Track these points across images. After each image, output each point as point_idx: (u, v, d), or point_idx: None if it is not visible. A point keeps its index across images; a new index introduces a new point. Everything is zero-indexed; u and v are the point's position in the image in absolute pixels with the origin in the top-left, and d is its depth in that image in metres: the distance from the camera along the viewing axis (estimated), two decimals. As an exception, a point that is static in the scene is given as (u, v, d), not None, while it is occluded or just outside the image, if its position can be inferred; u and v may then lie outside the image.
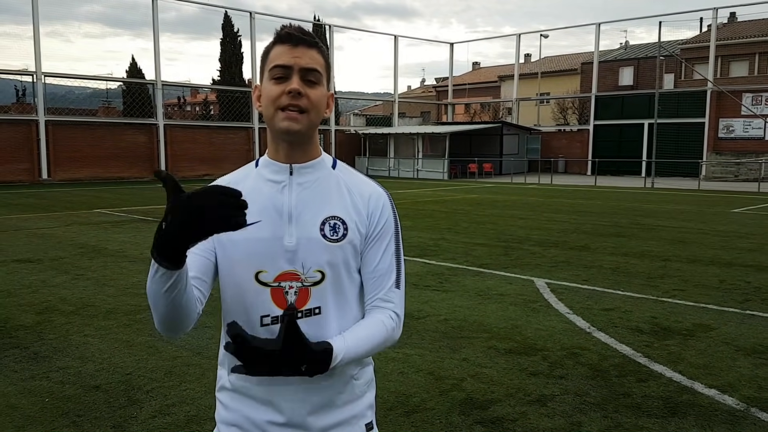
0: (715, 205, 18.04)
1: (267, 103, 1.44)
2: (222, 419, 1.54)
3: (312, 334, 1.37)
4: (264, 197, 1.45)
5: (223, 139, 34.51)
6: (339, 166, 1.55)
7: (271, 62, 1.43)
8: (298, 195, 1.46)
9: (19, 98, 33.06)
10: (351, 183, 1.53)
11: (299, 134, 1.43)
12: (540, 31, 45.60)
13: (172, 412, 3.84)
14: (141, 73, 38.25)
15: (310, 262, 1.43)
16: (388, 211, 1.53)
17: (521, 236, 11.49)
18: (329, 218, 1.46)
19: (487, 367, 4.62)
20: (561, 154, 38.58)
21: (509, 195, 22.27)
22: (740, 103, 31.87)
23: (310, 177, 1.49)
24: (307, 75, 1.42)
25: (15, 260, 8.89)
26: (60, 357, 4.83)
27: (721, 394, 4.10)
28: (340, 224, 1.46)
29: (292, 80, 1.40)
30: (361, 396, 1.53)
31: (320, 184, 1.49)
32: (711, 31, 34.21)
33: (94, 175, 29.58)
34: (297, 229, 1.44)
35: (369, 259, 1.50)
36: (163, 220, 1.15)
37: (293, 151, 1.47)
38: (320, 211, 1.46)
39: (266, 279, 1.43)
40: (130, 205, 17.55)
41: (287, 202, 1.46)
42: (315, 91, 1.43)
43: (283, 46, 1.43)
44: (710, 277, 7.86)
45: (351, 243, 1.47)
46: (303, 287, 1.43)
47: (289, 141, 1.46)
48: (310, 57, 1.43)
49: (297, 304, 1.43)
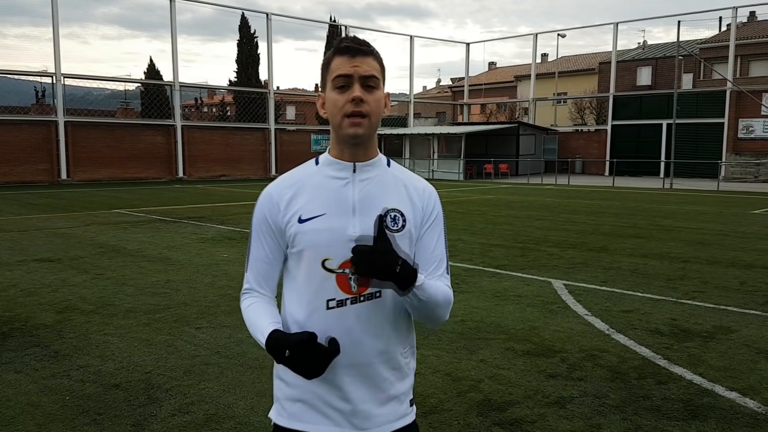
0: (734, 206, 17.84)
1: (332, 111, 1.60)
2: (286, 396, 1.66)
3: (373, 317, 1.59)
4: (329, 192, 1.62)
5: (240, 140, 34.68)
6: (393, 164, 1.73)
7: (333, 72, 1.59)
8: (361, 190, 1.62)
9: (38, 99, 33.50)
10: (406, 179, 1.70)
11: (363, 137, 1.60)
12: (557, 31, 45.34)
13: (192, 410, 3.86)
14: (159, 75, 38.53)
15: None
16: (438, 204, 1.72)
17: (538, 237, 11.43)
18: (390, 210, 1.62)
19: (505, 369, 4.60)
20: (578, 154, 38.34)
21: (526, 196, 22.17)
22: (760, 103, 31.48)
23: (371, 174, 1.65)
24: (367, 81, 1.58)
25: (35, 260, 8.99)
26: (80, 355, 4.88)
27: (742, 397, 4.05)
28: (399, 216, 1.62)
29: (354, 88, 1.56)
30: (409, 374, 1.71)
31: (380, 181, 1.66)
32: (731, 31, 33.82)
33: (112, 175, 29.86)
34: (361, 220, 1.59)
35: (425, 244, 1.67)
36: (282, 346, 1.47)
37: (356, 152, 1.64)
38: (382, 204, 1.62)
39: (332, 266, 1.58)
40: (149, 206, 17.69)
41: (351, 196, 1.62)
42: (374, 96, 1.59)
43: (342, 57, 1.58)
44: (730, 278, 7.77)
45: (409, 233, 1.63)
46: None
47: (354, 143, 1.61)
48: (368, 65, 1.59)
49: (359, 288, 1.58)
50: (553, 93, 47.27)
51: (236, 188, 25.90)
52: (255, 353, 4.91)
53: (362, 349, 1.58)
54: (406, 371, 1.69)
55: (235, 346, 5.10)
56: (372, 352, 1.60)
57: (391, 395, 1.64)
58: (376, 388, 1.62)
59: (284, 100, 47.19)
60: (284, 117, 47.01)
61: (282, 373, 1.66)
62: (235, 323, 5.75)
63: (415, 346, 1.76)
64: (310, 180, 1.65)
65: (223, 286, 7.31)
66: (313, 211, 1.60)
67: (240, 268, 8.35)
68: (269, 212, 1.65)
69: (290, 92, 50.05)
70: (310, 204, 1.61)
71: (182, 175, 31.83)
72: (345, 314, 1.57)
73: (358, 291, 1.58)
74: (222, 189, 25.41)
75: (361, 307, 1.58)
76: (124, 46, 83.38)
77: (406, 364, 1.68)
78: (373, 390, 1.61)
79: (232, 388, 4.23)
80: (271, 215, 1.65)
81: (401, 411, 1.66)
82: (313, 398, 1.61)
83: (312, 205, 1.61)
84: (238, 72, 39.74)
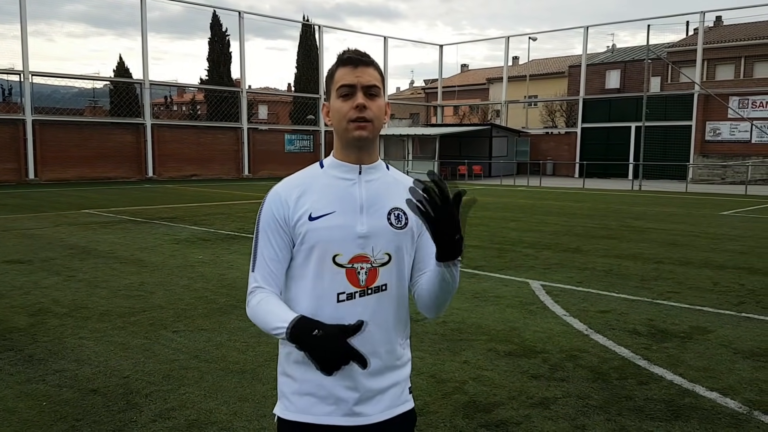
0: (703, 208, 18.17)
1: (338, 118, 1.70)
2: (293, 390, 1.72)
3: (379, 308, 1.69)
4: (338, 191, 1.71)
5: (211, 139, 34.32)
6: (391, 168, 1.85)
7: (337, 83, 1.69)
8: (367, 190, 1.73)
9: (5, 97, 32.73)
10: (405, 182, 1.79)
11: (368, 140, 1.71)
12: (528, 34, 45.76)
13: (173, 416, 3.79)
14: (128, 73, 37.95)
15: (379, 246, 1.69)
16: None
17: (514, 238, 11.50)
18: (394, 209, 1.73)
19: (488, 370, 4.60)
20: (549, 156, 38.74)
21: (499, 197, 22.32)
22: (727, 106, 32.14)
23: (375, 176, 1.76)
24: (369, 90, 1.68)
25: (5, 261, 8.77)
26: (56, 360, 4.76)
27: (722, 398, 4.10)
28: (402, 214, 1.74)
29: (357, 96, 1.66)
30: (407, 363, 1.82)
31: (383, 182, 1.77)
32: (698, 35, 34.46)
33: (81, 175, 29.33)
34: (368, 218, 1.69)
35: (424, 242, 1.76)
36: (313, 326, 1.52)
37: (361, 155, 1.74)
38: (387, 204, 1.73)
39: (342, 261, 1.67)
40: (119, 206, 17.39)
41: (359, 196, 1.71)
42: (376, 103, 1.70)
43: (345, 68, 1.69)
44: (704, 279, 7.90)
45: (410, 230, 1.75)
46: (372, 268, 1.68)
47: (359, 146, 1.72)
48: (369, 75, 1.69)
49: (367, 282, 1.68)
50: (524, 96, 47.69)
51: (208, 188, 25.61)
52: (235, 357, 4.85)
53: (370, 340, 1.66)
54: (404, 360, 1.80)
55: (215, 350, 5.02)
56: (378, 342, 1.69)
57: (393, 382, 1.74)
58: (380, 376, 1.71)
59: (257, 99, 46.85)
60: (256, 116, 46.66)
61: (289, 369, 1.73)
62: (213, 326, 5.66)
63: (409, 338, 1.85)
64: (318, 181, 1.74)
65: (200, 288, 7.21)
66: (323, 209, 1.68)
67: (216, 270, 8.25)
68: (278, 211, 1.70)
69: (263, 91, 49.65)
70: (319, 202, 1.69)
71: (152, 174, 31.38)
72: (354, 306, 1.66)
73: (366, 284, 1.68)
74: (194, 189, 25.10)
75: (369, 300, 1.68)
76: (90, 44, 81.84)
77: (404, 354, 1.79)
78: (378, 378, 1.70)
79: (213, 393, 4.16)
80: (280, 213, 1.70)
81: (403, 397, 1.76)
82: (320, 390, 1.68)
83: (321, 203, 1.69)
84: (210, 70, 39.25)
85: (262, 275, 1.71)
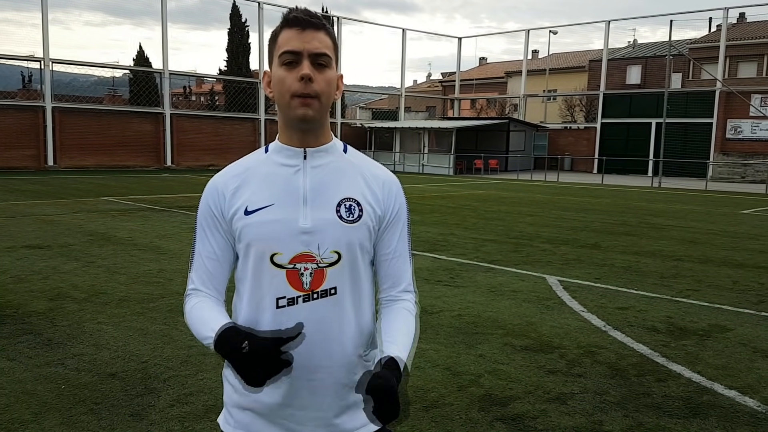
0: (723, 206, 17.97)
1: (279, 90, 1.44)
2: (234, 402, 1.53)
3: (328, 316, 1.45)
4: (279, 181, 1.47)
5: (229, 129, 34.46)
6: (350, 150, 1.58)
7: (280, 48, 1.43)
8: (312, 178, 1.48)
9: (25, 84, 33.04)
10: (363, 167, 1.55)
11: (314, 120, 1.45)
12: (548, 27, 45.39)
13: (190, 401, 3.81)
14: (148, 62, 38.16)
15: (326, 244, 1.44)
16: (401, 196, 1.59)
17: (530, 233, 11.44)
18: (345, 200, 1.48)
19: (504, 364, 4.58)
20: (567, 151, 38.49)
21: (516, 192, 22.21)
22: (749, 103, 31.73)
23: (324, 160, 1.51)
24: (317, 59, 1.42)
25: (24, 246, 8.87)
26: (74, 344, 4.81)
27: (741, 396, 4.06)
28: (355, 206, 1.48)
29: (303, 65, 1.40)
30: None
31: (334, 168, 1.51)
32: (721, 31, 34.02)
33: (99, 162, 29.58)
34: (312, 211, 1.45)
35: (386, 240, 1.54)
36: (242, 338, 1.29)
37: (307, 136, 1.49)
38: (336, 193, 1.48)
39: (281, 261, 1.44)
40: (137, 194, 17.53)
41: (302, 185, 1.47)
42: (325, 75, 1.43)
43: (291, 31, 1.42)
44: (723, 277, 7.81)
45: (366, 224, 1.49)
46: (318, 269, 1.44)
47: (303, 127, 1.47)
48: (319, 40, 1.42)
49: (312, 285, 1.44)
50: (543, 90, 47.37)
51: (225, 178, 25.67)
52: (252, 344, 4.86)
53: (316, 353, 1.43)
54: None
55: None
56: (327, 356, 1.45)
57: (350, 403, 1.49)
58: (333, 396, 1.47)
59: (274, 90, 46.83)
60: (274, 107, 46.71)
61: (231, 377, 1.52)
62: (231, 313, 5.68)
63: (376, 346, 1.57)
64: (259, 168, 1.51)
65: (217, 277, 7.23)
66: (260, 202, 1.46)
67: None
68: (214, 204, 1.50)
69: (280, 83, 49.61)
70: (257, 194, 1.47)
71: (170, 163, 31.59)
72: (297, 313, 1.42)
73: (311, 287, 1.44)
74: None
75: (316, 306, 1.44)
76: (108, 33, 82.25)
77: (366, 369, 1.48)
78: (329, 398, 1.47)
79: (230, 379, 4.17)
80: (216, 207, 1.50)
81: (363, 419, 1.40)
82: (262, 407, 1.47)
83: (259, 195, 1.47)
84: (228, 61, 39.36)
85: (199, 276, 1.53)
